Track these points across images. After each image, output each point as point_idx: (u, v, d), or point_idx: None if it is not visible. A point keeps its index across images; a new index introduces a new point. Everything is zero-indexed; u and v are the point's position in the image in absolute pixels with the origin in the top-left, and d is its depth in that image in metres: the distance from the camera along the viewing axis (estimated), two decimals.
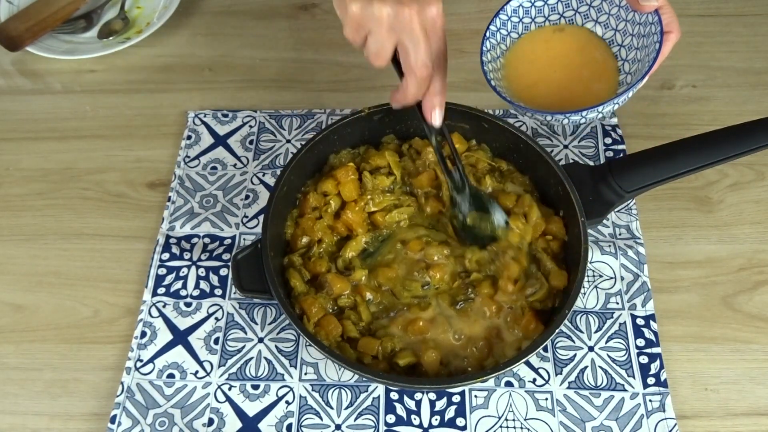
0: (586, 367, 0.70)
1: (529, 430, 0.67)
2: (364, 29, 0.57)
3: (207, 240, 0.80)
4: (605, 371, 0.70)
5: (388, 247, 0.73)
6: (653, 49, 0.64)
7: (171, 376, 0.71)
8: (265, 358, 0.72)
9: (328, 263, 0.72)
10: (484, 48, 0.67)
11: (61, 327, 0.75)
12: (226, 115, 0.90)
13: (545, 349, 0.72)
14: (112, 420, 0.68)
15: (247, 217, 0.81)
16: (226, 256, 0.78)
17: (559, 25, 0.69)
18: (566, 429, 0.67)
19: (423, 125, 0.66)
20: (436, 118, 0.63)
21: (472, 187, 0.71)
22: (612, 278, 0.76)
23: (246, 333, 0.73)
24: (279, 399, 0.69)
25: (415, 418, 0.68)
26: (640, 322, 0.73)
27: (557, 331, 0.63)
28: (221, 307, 0.75)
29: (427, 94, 0.61)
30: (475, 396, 0.69)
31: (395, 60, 0.60)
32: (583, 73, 0.68)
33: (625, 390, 0.69)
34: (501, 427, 0.67)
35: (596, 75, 0.68)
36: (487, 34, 0.68)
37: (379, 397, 0.69)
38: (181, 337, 0.73)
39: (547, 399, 0.69)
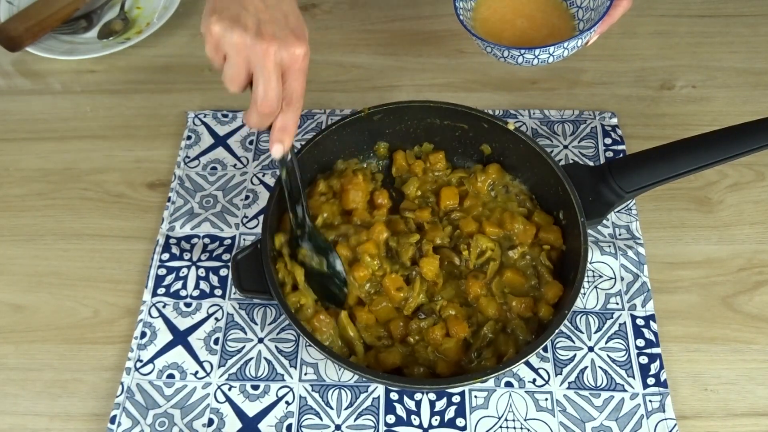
0: (586, 367, 0.70)
1: (529, 430, 0.67)
2: (222, 52, 0.58)
3: (207, 240, 0.80)
4: (605, 371, 0.70)
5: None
6: (603, 9, 0.69)
7: (171, 376, 0.71)
8: (265, 359, 0.72)
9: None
10: None
11: (61, 327, 0.75)
12: (226, 116, 0.90)
13: (545, 350, 0.72)
14: (112, 420, 0.68)
15: (247, 217, 0.81)
16: (226, 257, 0.78)
17: None
18: (566, 429, 0.67)
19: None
20: (275, 151, 0.62)
21: (311, 227, 0.70)
22: (612, 278, 0.76)
23: (246, 333, 0.73)
24: (279, 399, 0.69)
25: (415, 419, 0.68)
26: (640, 322, 0.73)
27: (557, 331, 0.63)
28: (221, 308, 0.75)
29: (273, 128, 0.61)
30: (475, 396, 0.69)
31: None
32: (544, 25, 0.74)
33: (625, 390, 0.69)
34: (501, 427, 0.67)
35: (555, 28, 0.74)
36: None
37: (379, 397, 0.69)
38: (181, 338, 0.73)
39: (547, 399, 0.69)
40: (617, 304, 0.74)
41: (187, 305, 0.75)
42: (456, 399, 0.69)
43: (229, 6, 0.57)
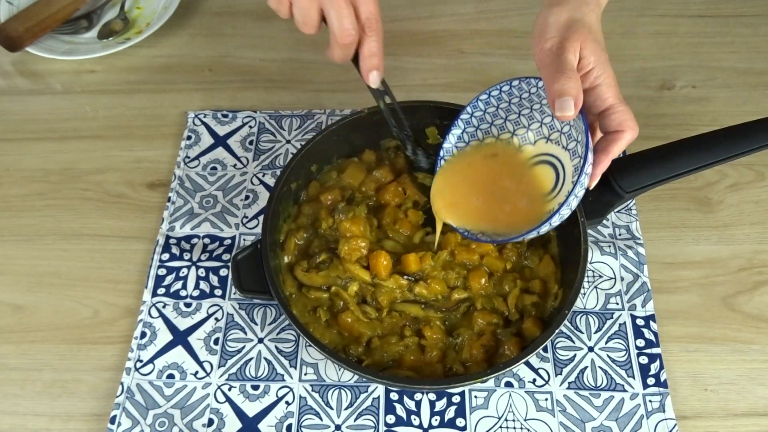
0: (586, 367, 0.70)
1: (528, 430, 0.67)
2: None
3: (207, 240, 0.80)
4: (605, 372, 0.70)
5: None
6: (580, 156, 0.61)
7: (171, 376, 0.71)
8: (265, 359, 0.72)
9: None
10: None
11: (61, 327, 0.75)
12: (226, 116, 0.90)
13: (545, 350, 0.72)
14: (112, 420, 0.68)
15: (246, 217, 0.81)
16: (226, 257, 0.78)
17: (494, 146, 0.69)
18: (566, 429, 0.67)
19: (369, 90, 0.66)
20: (372, 79, 0.63)
21: (421, 148, 0.72)
22: (612, 279, 0.76)
23: (246, 333, 0.73)
24: (279, 399, 0.69)
25: (415, 419, 0.68)
26: (639, 322, 0.73)
27: (557, 331, 0.63)
28: (221, 308, 0.75)
29: (361, 57, 0.61)
30: (475, 396, 0.69)
31: None
32: (506, 200, 0.66)
33: (625, 390, 0.69)
34: (501, 427, 0.67)
35: (521, 200, 0.66)
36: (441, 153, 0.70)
37: (379, 397, 0.69)
38: (180, 338, 0.73)
39: (547, 399, 0.69)
40: (617, 304, 0.74)
41: (187, 305, 0.75)
42: (456, 399, 0.69)
43: None
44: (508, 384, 0.70)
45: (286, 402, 0.69)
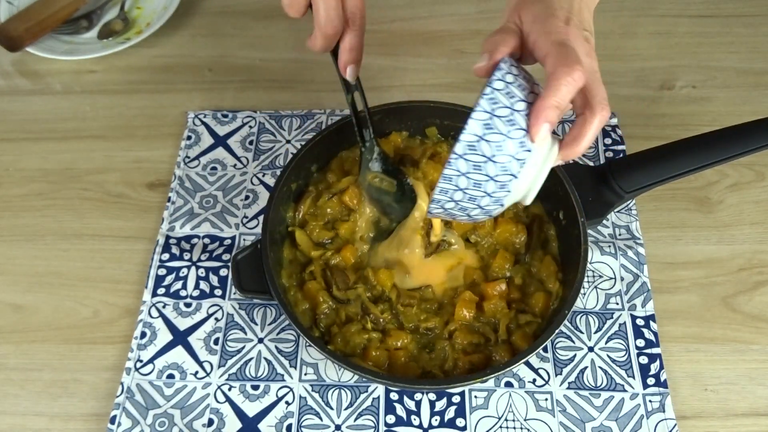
0: (586, 367, 0.70)
1: (528, 430, 0.67)
2: None
3: (207, 240, 0.80)
4: (605, 372, 0.70)
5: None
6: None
7: (171, 376, 0.71)
8: (265, 359, 0.72)
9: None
10: None
11: (61, 327, 0.75)
12: (226, 116, 0.90)
13: (545, 350, 0.72)
14: (112, 420, 0.68)
15: (247, 217, 0.81)
16: (226, 257, 0.78)
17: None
18: (566, 429, 0.67)
19: (341, 83, 0.66)
20: (350, 73, 0.63)
21: (380, 150, 0.72)
22: (612, 279, 0.76)
23: (246, 333, 0.73)
24: (279, 399, 0.69)
25: (415, 419, 0.68)
26: (639, 322, 0.73)
27: (557, 331, 0.63)
28: (221, 308, 0.75)
29: (341, 50, 0.61)
30: (475, 396, 0.69)
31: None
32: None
33: (624, 390, 0.69)
34: (501, 427, 0.67)
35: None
36: None
37: (379, 397, 0.69)
38: (180, 338, 0.73)
39: (547, 399, 0.69)
40: (617, 304, 0.74)
41: (187, 305, 0.75)
42: (456, 399, 0.69)
43: None
44: (508, 384, 0.70)
45: (286, 402, 0.69)
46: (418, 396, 0.69)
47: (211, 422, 0.68)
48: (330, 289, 0.70)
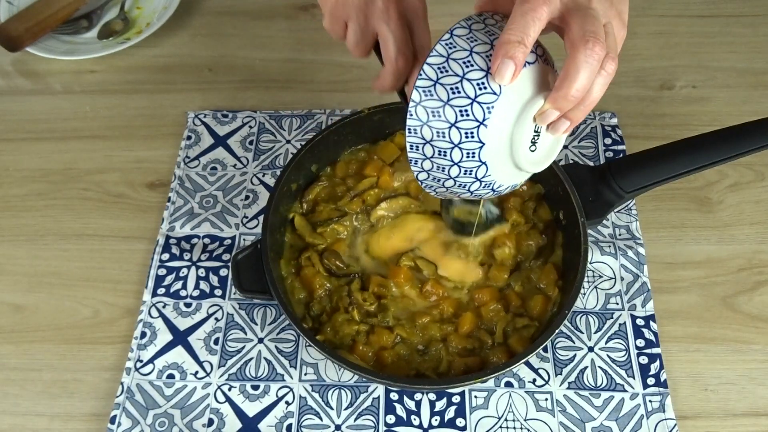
0: (586, 367, 0.70)
1: (528, 430, 0.67)
2: (342, 18, 0.56)
3: (207, 240, 0.80)
4: (605, 372, 0.70)
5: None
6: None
7: (171, 376, 0.71)
8: (265, 359, 0.72)
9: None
10: None
11: (60, 327, 0.75)
12: (226, 116, 0.90)
13: (545, 350, 0.72)
14: (112, 420, 0.68)
15: (247, 217, 0.81)
16: (226, 257, 0.78)
17: None
18: (566, 429, 0.67)
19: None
20: None
21: None
22: (612, 279, 0.75)
23: (246, 333, 0.73)
24: (279, 399, 0.69)
25: (415, 419, 0.68)
26: (639, 322, 0.73)
27: (557, 331, 0.63)
28: (221, 308, 0.75)
29: (409, 86, 0.59)
30: (475, 396, 0.69)
31: (378, 48, 0.58)
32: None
33: (625, 390, 0.69)
34: (501, 427, 0.67)
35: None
36: None
37: (379, 397, 0.69)
38: (181, 338, 0.73)
39: (547, 399, 0.69)
40: (617, 304, 0.74)
41: (187, 305, 0.75)
42: (456, 399, 0.69)
43: None
44: (508, 384, 0.70)
45: (286, 402, 0.69)
46: (418, 396, 0.69)
47: (211, 422, 0.68)
48: (330, 270, 0.71)
